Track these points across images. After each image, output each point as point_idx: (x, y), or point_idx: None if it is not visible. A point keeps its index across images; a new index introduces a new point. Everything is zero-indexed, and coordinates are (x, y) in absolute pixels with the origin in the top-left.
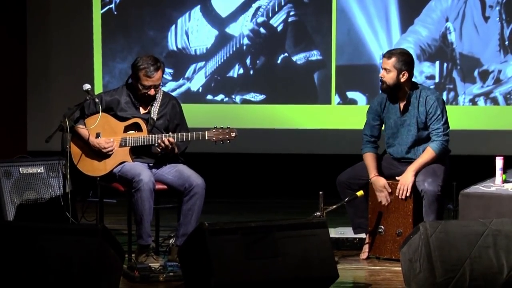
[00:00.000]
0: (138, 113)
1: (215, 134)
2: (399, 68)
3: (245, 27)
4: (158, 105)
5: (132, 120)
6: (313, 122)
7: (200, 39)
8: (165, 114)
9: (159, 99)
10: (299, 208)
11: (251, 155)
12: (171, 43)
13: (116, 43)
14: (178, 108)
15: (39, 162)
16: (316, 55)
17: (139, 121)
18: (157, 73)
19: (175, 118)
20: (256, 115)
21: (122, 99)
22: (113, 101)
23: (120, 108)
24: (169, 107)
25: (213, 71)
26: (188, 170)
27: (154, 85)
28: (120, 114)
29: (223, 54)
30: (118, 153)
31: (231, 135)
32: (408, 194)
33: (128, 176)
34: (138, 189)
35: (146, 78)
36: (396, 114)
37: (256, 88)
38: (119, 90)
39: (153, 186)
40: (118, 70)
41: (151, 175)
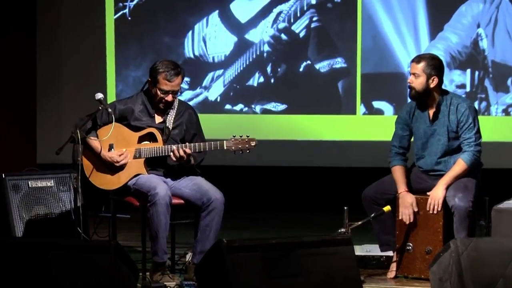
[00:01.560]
0: (153, 123)
1: (234, 144)
2: (429, 73)
3: (266, 33)
4: (174, 114)
5: (146, 130)
6: (337, 134)
7: (218, 46)
8: (181, 123)
9: (174, 108)
10: (322, 224)
11: (272, 168)
12: (187, 50)
13: (129, 50)
14: (194, 117)
15: (49, 175)
16: (340, 63)
17: (154, 131)
18: (177, 78)
19: (192, 127)
20: (277, 125)
21: (136, 107)
22: (127, 110)
23: (134, 117)
24: (185, 116)
25: (232, 79)
26: (206, 184)
27: (173, 90)
28: (134, 123)
29: (242, 62)
30: (132, 165)
31: (251, 144)
32: (439, 209)
33: (143, 189)
34: (153, 203)
35: (165, 82)
36: (426, 123)
37: (277, 97)
38: (133, 98)
39: (169, 200)
40: (131, 78)
41: (167, 188)
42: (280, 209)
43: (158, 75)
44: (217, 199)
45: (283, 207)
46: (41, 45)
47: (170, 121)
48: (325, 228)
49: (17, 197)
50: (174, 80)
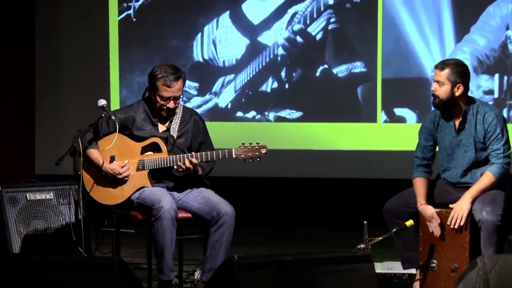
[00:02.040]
0: (157, 132)
1: (243, 151)
2: (453, 81)
3: (280, 35)
4: (178, 121)
5: (149, 140)
6: (356, 143)
7: (229, 49)
8: (187, 131)
9: (178, 115)
10: (340, 239)
11: (287, 179)
12: (196, 53)
13: (135, 54)
14: (201, 124)
15: (48, 187)
16: (360, 67)
17: (158, 140)
18: (177, 82)
19: (198, 135)
20: (292, 134)
21: (138, 116)
22: (128, 119)
23: (136, 126)
24: (190, 124)
25: (244, 85)
26: (215, 197)
27: (174, 96)
28: (137, 133)
29: (255, 66)
30: (135, 178)
31: (261, 151)
32: (462, 223)
33: (147, 203)
34: (158, 218)
35: (165, 88)
36: (451, 133)
37: (292, 104)
38: (134, 106)
39: (175, 214)
40: (137, 83)
41: (173, 201)
42: (294, 224)
43: (157, 81)
44: (227, 213)
45: (298, 221)
46: (40, 49)
47: (175, 130)
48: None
49: (15, 210)
50: (174, 85)
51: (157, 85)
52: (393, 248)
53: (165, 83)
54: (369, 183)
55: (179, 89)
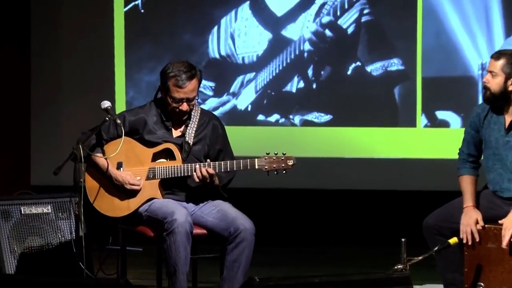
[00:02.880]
0: (170, 137)
1: (267, 162)
2: (508, 73)
3: (307, 28)
4: (195, 126)
5: (162, 146)
6: (392, 150)
7: (250, 44)
8: (204, 137)
9: (195, 119)
10: (375, 259)
11: (314, 191)
12: (212, 49)
13: (143, 50)
14: (220, 130)
15: (46, 200)
16: (397, 65)
17: (172, 146)
18: (190, 82)
19: (217, 142)
20: (320, 140)
21: (149, 118)
22: (139, 122)
23: (148, 130)
24: (208, 129)
25: (266, 84)
26: (233, 211)
27: (187, 98)
28: (148, 137)
29: (278, 63)
30: (145, 188)
31: (287, 163)
32: None
33: (159, 216)
34: (171, 232)
35: (176, 89)
36: (500, 131)
37: (320, 106)
38: (146, 108)
39: (190, 228)
40: (145, 83)
41: (187, 214)
42: (323, 241)
43: (168, 81)
44: (246, 229)
45: (326, 238)
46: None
47: (191, 135)
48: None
49: (7, 226)
50: (186, 85)
51: (168, 85)
52: (434, 269)
53: (176, 83)
54: (407, 196)
55: (192, 90)
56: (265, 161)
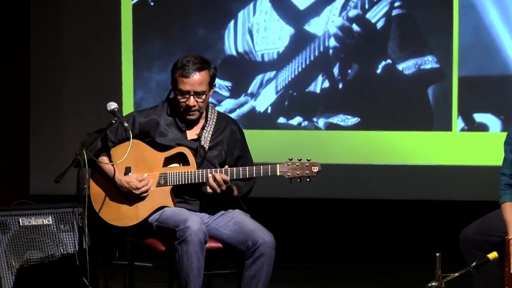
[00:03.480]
0: (185, 139)
1: (290, 169)
2: None
3: (332, 23)
4: (211, 129)
5: (175, 150)
6: (426, 156)
7: (269, 39)
8: (221, 142)
9: (212, 122)
10: (408, 275)
11: (339, 201)
12: (228, 45)
13: (152, 46)
14: (239, 135)
15: (46, 211)
16: (431, 63)
17: (185, 150)
18: (197, 73)
19: (235, 148)
20: (347, 145)
21: (162, 119)
22: (150, 123)
23: (159, 132)
24: (226, 133)
25: (287, 84)
26: (251, 222)
27: (194, 91)
28: (160, 140)
29: (301, 61)
30: (155, 195)
31: (312, 170)
32: None
33: (170, 224)
34: (183, 240)
35: (182, 79)
36: None
37: (347, 108)
38: (159, 108)
39: (204, 237)
40: (155, 82)
41: (201, 222)
42: (350, 256)
43: (176, 72)
44: (265, 242)
45: (354, 252)
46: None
47: (206, 139)
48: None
49: (5, 239)
50: (191, 75)
51: (176, 76)
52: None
53: (182, 73)
54: (442, 206)
55: (200, 83)
56: (287, 168)
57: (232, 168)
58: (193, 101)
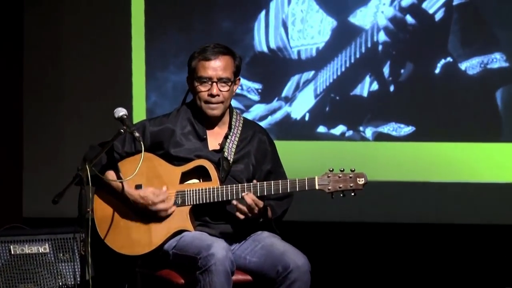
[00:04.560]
0: (205, 149)
1: (331, 181)
2: None
3: (382, 14)
4: (236, 139)
5: (194, 163)
6: (493, 172)
7: (308, 34)
8: (248, 154)
9: (236, 130)
10: None
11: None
12: (259, 41)
13: (168, 41)
14: (268, 146)
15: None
16: (499, 61)
17: (206, 163)
18: (221, 56)
19: (265, 161)
20: (399, 159)
21: (177, 128)
22: (164, 133)
23: (175, 142)
24: (253, 145)
25: (329, 86)
26: (281, 244)
27: (218, 77)
28: (175, 152)
29: (345, 59)
30: (171, 218)
31: (357, 182)
32: None
33: (190, 252)
34: (207, 270)
35: (203, 64)
36: None
37: (400, 114)
38: (174, 115)
39: (231, 267)
40: (171, 84)
41: (228, 248)
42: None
43: (194, 61)
44: (298, 266)
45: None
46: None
47: (231, 150)
48: None
49: None
50: (213, 58)
51: (194, 66)
52: None
53: (203, 57)
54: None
55: (224, 68)
56: (328, 180)
57: (262, 183)
58: (216, 90)
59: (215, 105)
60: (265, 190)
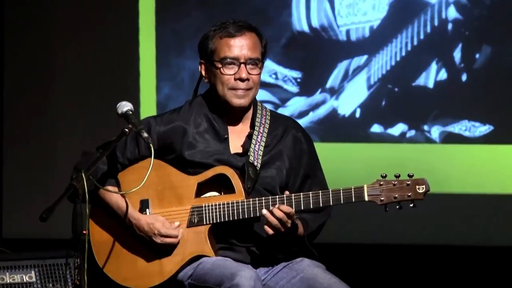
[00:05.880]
0: (226, 154)
1: (384, 191)
2: None
3: None
4: (263, 138)
5: (212, 171)
6: None
7: (359, 9)
8: (279, 155)
9: (263, 127)
10: None
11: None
12: (297, 18)
13: (185, 20)
14: (305, 145)
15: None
16: None
17: (228, 171)
18: (247, 34)
19: (301, 164)
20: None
21: (190, 125)
22: (174, 133)
23: (188, 144)
24: (286, 143)
25: (385, 75)
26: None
27: (247, 57)
28: (189, 156)
29: (405, 41)
30: (186, 240)
31: (416, 190)
32: None
33: (210, 282)
34: None
35: (227, 41)
36: None
37: (474, 110)
38: (185, 111)
39: None
40: (188, 73)
41: (257, 277)
42: None
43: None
44: None
45: None
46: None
47: (257, 153)
48: None
49: None
50: (239, 34)
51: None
52: None
53: (226, 34)
54: None
55: (253, 46)
56: (380, 189)
57: (297, 195)
58: (246, 73)
59: (244, 92)
60: (302, 203)
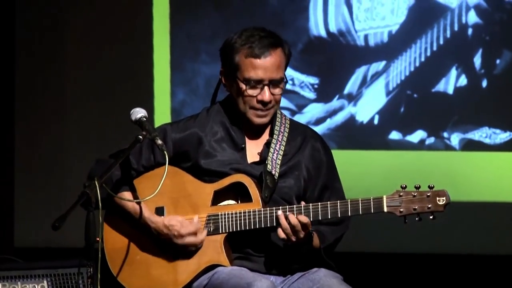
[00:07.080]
0: (243, 161)
1: (403, 202)
2: None
3: None
4: (281, 147)
5: (229, 179)
6: None
7: (378, 14)
8: (297, 165)
9: (282, 135)
10: None
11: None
12: (315, 22)
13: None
14: (324, 155)
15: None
16: None
17: (245, 180)
18: (273, 51)
19: (319, 175)
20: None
21: (207, 133)
22: (190, 140)
23: (205, 152)
24: (305, 153)
25: (404, 81)
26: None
27: (271, 79)
28: (206, 164)
29: (424, 46)
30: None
31: (437, 202)
32: None
33: None
34: None
35: (251, 61)
36: None
37: (496, 117)
38: (202, 118)
39: None
40: (203, 78)
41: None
42: None
43: (236, 54)
44: None
45: None
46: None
47: (275, 161)
48: None
49: None
50: (264, 55)
51: (237, 61)
52: None
53: (251, 53)
54: None
55: (277, 66)
56: (399, 200)
57: (315, 205)
58: (269, 95)
59: (265, 112)
60: (320, 214)
